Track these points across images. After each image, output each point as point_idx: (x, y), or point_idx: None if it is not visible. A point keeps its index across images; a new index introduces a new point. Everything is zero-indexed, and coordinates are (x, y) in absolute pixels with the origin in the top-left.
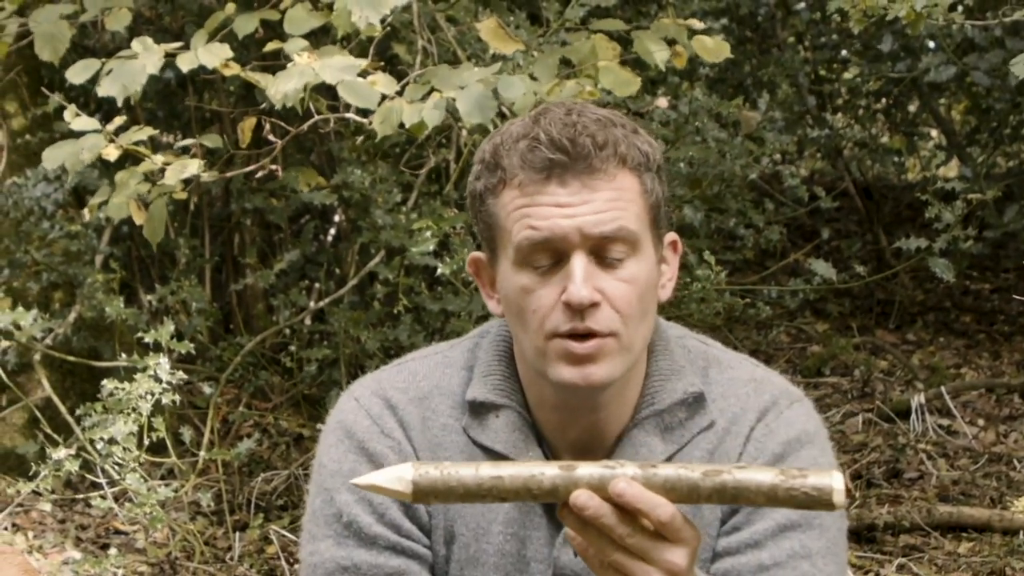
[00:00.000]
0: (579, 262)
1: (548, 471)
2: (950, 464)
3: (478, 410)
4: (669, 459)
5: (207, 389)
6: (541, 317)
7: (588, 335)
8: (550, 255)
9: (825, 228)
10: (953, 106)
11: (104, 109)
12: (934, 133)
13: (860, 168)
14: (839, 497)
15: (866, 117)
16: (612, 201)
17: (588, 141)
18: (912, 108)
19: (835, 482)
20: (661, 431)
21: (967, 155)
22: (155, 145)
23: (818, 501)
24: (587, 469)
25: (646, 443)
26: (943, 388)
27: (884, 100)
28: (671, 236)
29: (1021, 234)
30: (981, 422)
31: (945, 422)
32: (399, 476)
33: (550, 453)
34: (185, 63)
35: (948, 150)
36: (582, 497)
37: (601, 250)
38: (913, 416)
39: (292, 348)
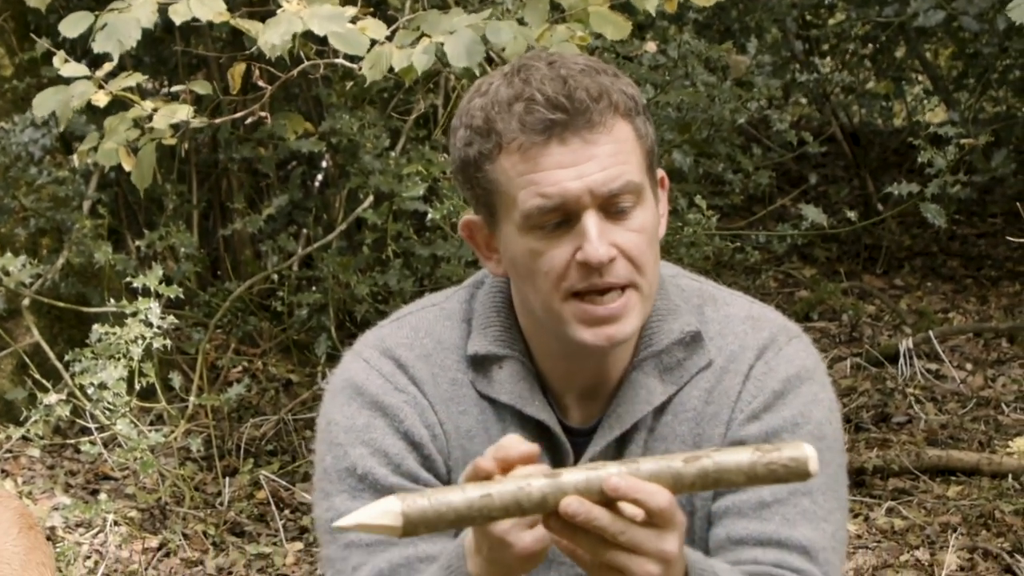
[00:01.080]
0: (591, 220)
1: (535, 483)
2: (938, 408)
3: (481, 363)
4: (669, 400)
5: (195, 335)
6: (555, 278)
7: (607, 289)
8: (560, 216)
9: (812, 173)
10: (939, 51)
11: (92, 55)
12: (920, 79)
13: (847, 114)
14: (814, 465)
15: (853, 62)
16: (614, 155)
17: (584, 95)
18: (899, 54)
19: (808, 451)
20: (660, 372)
21: (954, 100)
22: (142, 92)
23: (795, 472)
24: (573, 475)
25: (645, 385)
26: (931, 332)
27: (871, 45)
28: (659, 173)
29: (1008, 179)
30: (969, 366)
31: (933, 366)
32: (386, 510)
33: (554, 400)
34: (178, 15)
35: (935, 95)
36: (573, 504)
37: (609, 204)
38: (901, 360)
39: (281, 294)
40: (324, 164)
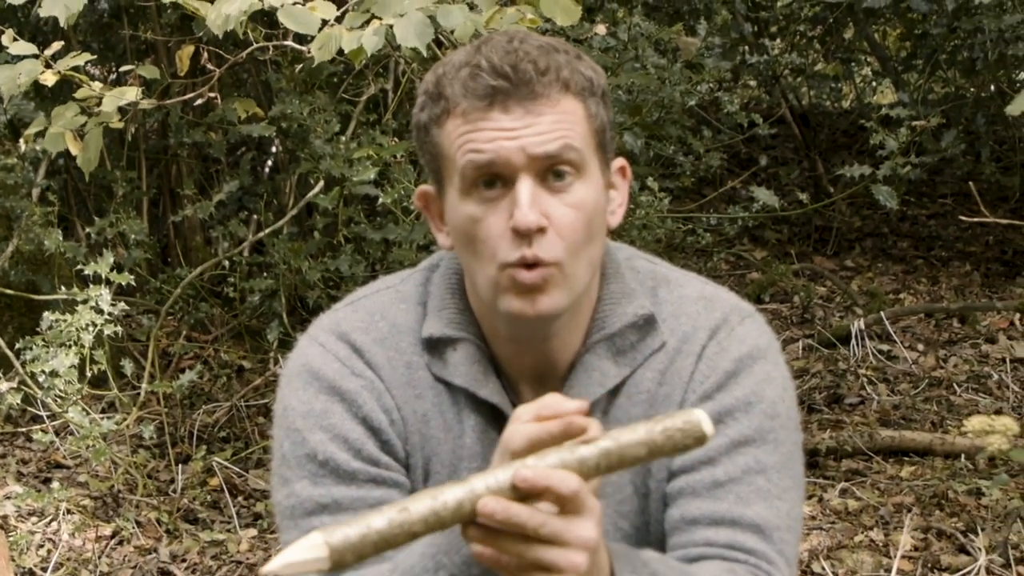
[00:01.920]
0: (525, 185)
1: (448, 492)
2: (890, 389)
3: (436, 345)
4: (622, 383)
5: (146, 322)
6: (492, 247)
7: (535, 263)
8: (496, 179)
9: (762, 155)
10: (888, 32)
11: (38, 39)
12: (869, 60)
13: (796, 96)
14: (708, 426)
15: (802, 44)
16: (556, 123)
17: (530, 67)
18: (847, 35)
19: (699, 414)
20: (613, 354)
21: (903, 81)
22: (90, 78)
23: (691, 435)
24: (483, 479)
25: (599, 367)
26: (882, 313)
27: (819, 27)
28: (619, 162)
29: (957, 160)
30: (920, 347)
31: (885, 347)
32: (311, 544)
33: (508, 383)
34: None
35: (884, 76)
36: (490, 504)
37: (547, 172)
38: (853, 342)
39: (232, 280)
40: (273, 149)
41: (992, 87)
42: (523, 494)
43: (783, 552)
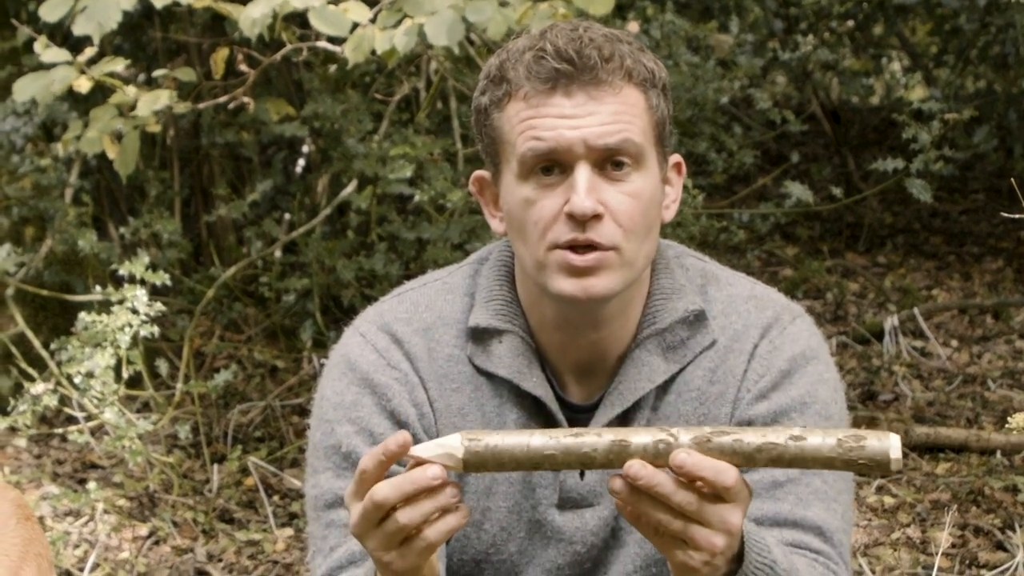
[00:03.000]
0: (583, 173)
1: (605, 436)
2: (925, 385)
3: (481, 336)
4: (672, 378)
5: (180, 322)
6: (543, 228)
7: (589, 247)
8: (554, 166)
9: (793, 152)
10: (916, 28)
11: (71, 42)
12: (900, 56)
13: (827, 92)
14: (896, 465)
15: (832, 40)
16: (617, 114)
17: (595, 53)
18: (877, 31)
19: (892, 449)
20: (663, 350)
21: (933, 77)
22: (122, 80)
23: (877, 467)
24: (640, 437)
25: (648, 362)
26: (915, 310)
27: (850, 22)
28: (676, 158)
29: (990, 155)
30: (954, 343)
31: (919, 344)
32: (450, 443)
33: (552, 376)
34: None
35: (914, 71)
36: (635, 467)
37: (606, 162)
38: (887, 338)
39: (265, 279)
40: (305, 149)
41: None
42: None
43: (842, 555)
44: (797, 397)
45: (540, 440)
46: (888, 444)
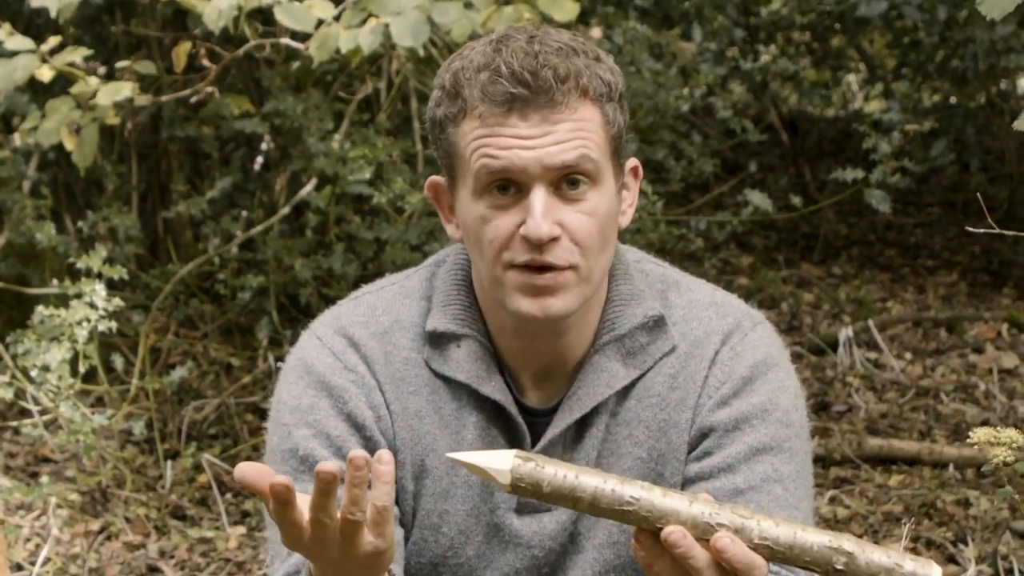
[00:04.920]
0: (539, 196)
1: (654, 496)
2: (878, 397)
3: (438, 340)
4: (632, 384)
5: (136, 317)
6: (498, 247)
7: (545, 268)
8: (510, 185)
9: (751, 161)
10: (874, 40)
11: (31, 32)
12: (860, 67)
13: (785, 102)
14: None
15: (791, 51)
16: (573, 132)
17: (550, 74)
18: (835, 42)
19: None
20: (623, 356)
21: (891, 90)
22: (83, 72)
23: None
24: (684, 505)
25: (607, 368)
26: (870, 321)
27: (809, 33)
28: (632, 162)
29: (946, 169)
30: (908, 355)
31: (872, 355)
32: (500, 457)
33: (511, 381)
34: None
35: (872, 84)
36: (676, 535)
37: (561, 182)
38: (841, 349)
39: (222, 277)
40: (264, 146)
41: (983, 98)
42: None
43: None
44: (758, 404)
45: (582, 477)
46: (931, 568)
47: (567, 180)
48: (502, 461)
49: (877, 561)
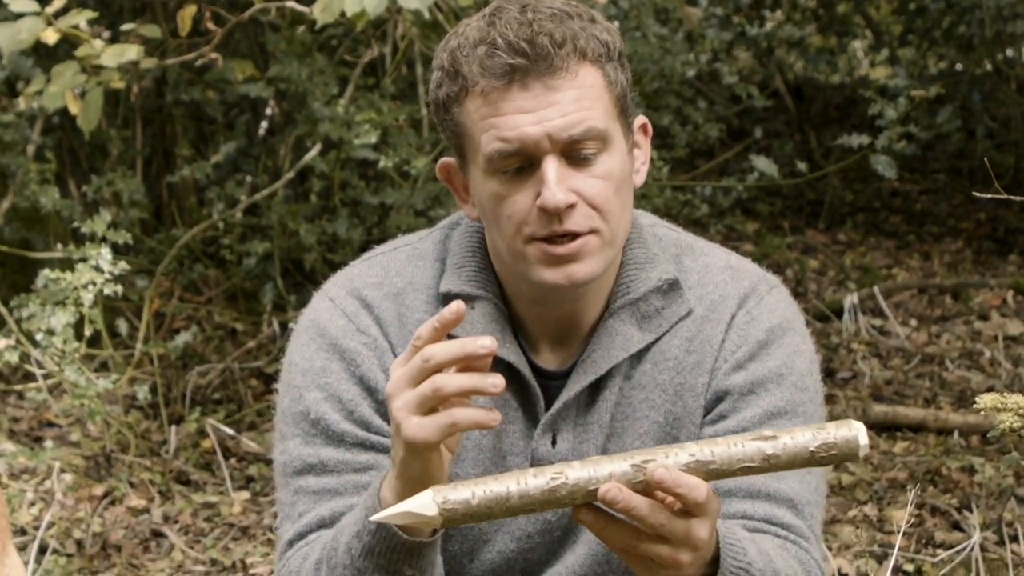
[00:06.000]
0: (551, 166)
1: (571, 472)
2: (883, 364)
3: (452, 302)
4: (647, 348)
5: (140, 282)
6: (517, 222)
7: (566, 236)
8: (521, 161)
9: (756, 127)
10: (879, 7)
11: None
12: (865, 34)
13: (790, 68)
14: (864, 452)
15: (797, 16)
16: (577, 101)
17: (546, 40)
18: (840, 8)
19: (860, 436)
20: (637, 320)
21: (897, 57)
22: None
23: (847, 455)
24: (610, 464)
25: (622, 332)
26: (875, 288)
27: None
28: (640, 120)
29: (952, 135)
30: (913, 322)
31: (878, 322)
32: (423, 502)
33: (526, 343)
34: None
35: (878, 50)
36: (612, 491)
37: (571, 151)
38: (846, 316)
39: (226, 241)
40: (268, 111)
41: (989, 64)
42: (648, 488)
43: (813, 528)
44: (774, 368)
45: (496, 487)
46: (855, 426)
47: (577, 148)
48: (423, 501)
49: (802, 434)
